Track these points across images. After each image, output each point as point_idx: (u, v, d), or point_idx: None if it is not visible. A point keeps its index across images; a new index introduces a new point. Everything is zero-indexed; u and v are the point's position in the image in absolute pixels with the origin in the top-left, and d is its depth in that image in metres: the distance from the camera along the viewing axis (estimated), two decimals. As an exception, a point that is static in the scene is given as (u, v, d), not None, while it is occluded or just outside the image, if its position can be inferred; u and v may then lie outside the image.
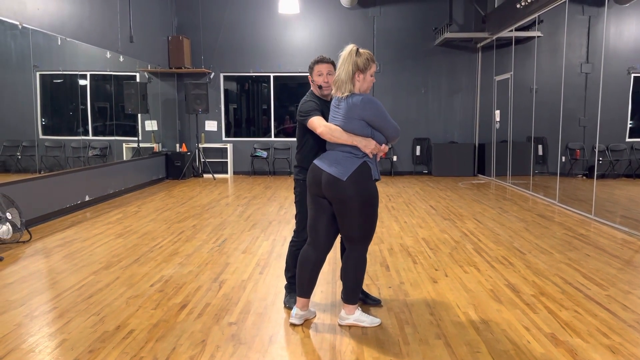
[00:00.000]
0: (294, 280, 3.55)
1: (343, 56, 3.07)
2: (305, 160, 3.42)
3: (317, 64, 3.40)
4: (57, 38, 7.05)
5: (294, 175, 3.51)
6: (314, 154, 3.37)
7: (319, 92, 3.43)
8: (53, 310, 3.49)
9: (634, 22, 10.18)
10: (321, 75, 3.38)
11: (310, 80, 3.44)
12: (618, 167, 10.15)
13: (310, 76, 3.44)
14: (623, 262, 4.64)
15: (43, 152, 7.05)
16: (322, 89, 3.38)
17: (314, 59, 3.44)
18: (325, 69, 3.38)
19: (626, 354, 2.82)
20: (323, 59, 3.41)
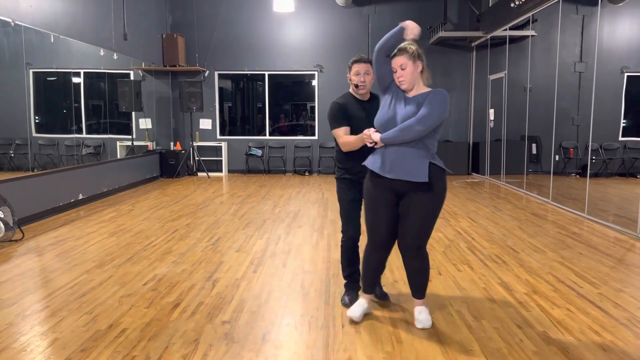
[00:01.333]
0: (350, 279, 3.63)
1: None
2: (343, 160, 3.46)
3: (355, 63, 3.37)
4: (50, 35, 7.01)
5: (338, 175, 3.54)
6: (350, 154, 3.37)
7: (355, 91, 3.42)
8: (45, 309, 3.47)
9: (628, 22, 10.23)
10: (358, 74, 3.35)
11: (348, 78, 3.42)
12: (611, 165, 10.20)
13: (348, 76, 3.42)
14: (615, 260, 4.66)
15: (36, 150, 7.01)
16: (358, 88, 3.37)
17: (353, 58, 3.41)
18: (363, 69, 3.35)
19: (618, 352, 2.84)
20: (361, 58, 3.38)
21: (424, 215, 3.01)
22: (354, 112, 3.40)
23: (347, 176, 3.47)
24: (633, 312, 3.40)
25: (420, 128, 2.86)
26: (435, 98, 2.93)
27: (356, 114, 3.39)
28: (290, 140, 12.01)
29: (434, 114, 2.87)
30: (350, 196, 3.47)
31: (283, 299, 3.67)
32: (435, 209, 3.03)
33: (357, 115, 3.39)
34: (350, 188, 3.46)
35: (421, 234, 3.06)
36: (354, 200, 3.47)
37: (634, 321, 3.26)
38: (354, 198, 3.46)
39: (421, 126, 2.86)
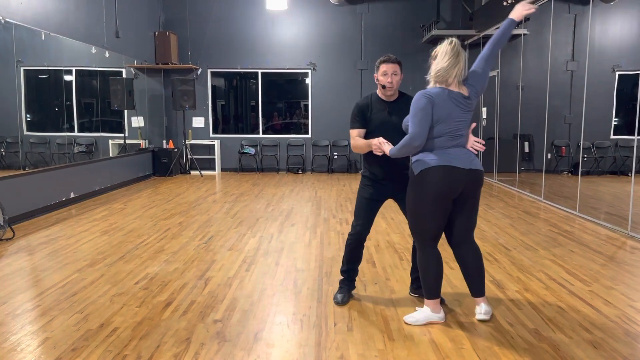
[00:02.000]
0: (347, 275, 3.61)
1: (449, 50, 3.02)
2: (368, 161, 3.48)
3: (383, 63, 3.33)
4: (41, 33, 6.96)
5: (363, 172, 3.58)
6: (375, 157, 3.39)
7: (382, 92, 3.40)
8: (36, 308, 3.45)
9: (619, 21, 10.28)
10: (386, 75, 3.32)
11: (375, 78, 3.39)
12: (603, 164, 10.26)
13: (375, 75, 3.39)
14: (606, 258, 4.69)
15: (27, 148, 6.97)
16: (385, 89, 3.35)
17: (380, 58, 3.36)
18: (391, 69, 3.32)
19: (608, 349, 2.86)
20: (389, 58, 3.33)
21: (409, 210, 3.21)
22: (376, 114, 3.38)
23: (368, 174, 3.49)
24: (623, 310, 3.43)
25: (417, 144, 3.02)
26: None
27: (378, 116, 3.38)
28: (284, 138, 12.00)
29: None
30: (367, 194, 3.48)
31: (275, 297, 3.67)
32: (409, 207, 3.17)
33: (379, 117, 3.38)
34: (371, 186, 3.47)
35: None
36: (370, 199, 3.47)
37: (625, 318, 3.28)
38: (372, 197, 3.47)
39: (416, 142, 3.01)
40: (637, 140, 5.74)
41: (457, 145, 3.07)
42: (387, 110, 3.38)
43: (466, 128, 3.10)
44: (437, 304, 3.19)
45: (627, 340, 2.96)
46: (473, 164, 3.05)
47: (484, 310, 3.23)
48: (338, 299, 3.54)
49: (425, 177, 3.03)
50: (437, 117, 2.99)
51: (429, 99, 2.99)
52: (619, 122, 10.42)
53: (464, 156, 3.05)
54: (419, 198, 3.07)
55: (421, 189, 3.05)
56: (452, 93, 3.02)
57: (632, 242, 5.27)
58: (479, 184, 3.10)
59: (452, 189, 3.02)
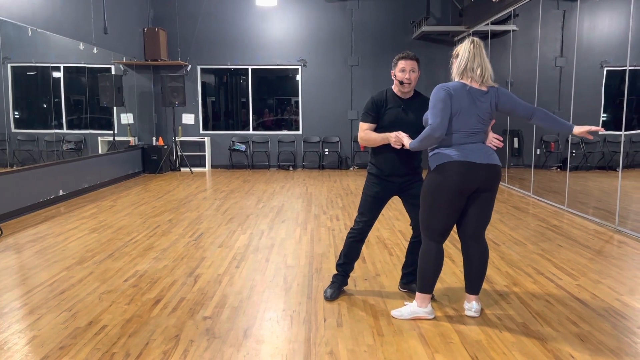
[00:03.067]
0: (341, 269, 3.61)
1: (470, 48, 3.02)
2: (375, 157, 3.48)
3: (401, 60, 3.30)
4: (27, 29, 6.89)
5: (369, 170, 3.55)
6: (383, 154, 3.39)
7: (398, 88, 3.38)
8: (24, 306, 3.43)
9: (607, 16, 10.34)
10: (404, 71, 3.30)
11: (393, 75, 3.37)
12: (591, 159, 10.34)
13: (392, 71, 3.37)
14: (594, 252, 4.73)
15: (15, 146, 6.90)
16: (403, 85, 3.33)
17: (399, 55, 3.34)
18: (409, 66, 3.29)
19: (594, 342, 2.88)
20: (408, 55, 3.31)
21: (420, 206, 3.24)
22: (391, 110, 3.37)
23: (375, 172, 3.48)
24: (610, 303, 3.46)
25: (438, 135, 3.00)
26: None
27: (392, 112, 3.37)
28: (274, 135, 11.98)
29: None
30: (373, 192, 3.47)
31: (265, 294, 3.67)
32: (423, 199, 3.16)
33: (393, 113, 3.36)
34: (377, 184, 3.46)
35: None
36: (376, 197, 3.47)
37: (611, 312, 3.31)
38: (378, 195, 3.47)
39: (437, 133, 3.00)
40: (624, 135, 5.79)
41: (476, 141, 3.07)
42: (402, 107, 3.37)
43: (485, 125, 3.10)
44: (426, 298, 3.20)
45: (614, 334, 2.99)
46: (491, 159, 3.05)
47: (474, 309, 3.25)
48: (327, 293, 3.55)
49: (442, 171, 3.03)
50: (454, 110, 3.00)
51: (447, 92, 3.00)
52: (607, 118, 10.49)
53: (482, 151, 3.05)
54: (435, 192, 3.06)
55: (437, 183, 3.04)
56: (472, 89, 3.02)
57: (619, 236, 5.32)
58: (496, 179, 3.09)
59: (468, 184, 3.02)
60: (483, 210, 3.13)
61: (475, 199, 3.11)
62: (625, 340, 2.90)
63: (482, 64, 3.01)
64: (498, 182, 3.11)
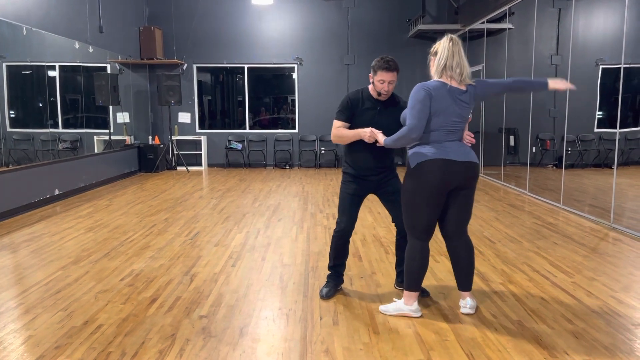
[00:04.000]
0: (334, 271, 3.61)
1: (449, 46, 3.02)
2: (349, 155, 3.48)
3: (382, 71, 3.26)
4: (22, 28, 6.86)
5: (343, 169, 3.55)
6: (357, 151, 3.39)
7: (374, 94, 3.39)
8: (19, 306, 3.42)
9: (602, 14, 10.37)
10: (383, 83, 3.29)
11: (371, 78, 3.37)
12: (586, 157, 10.37)
13: (371, 75, 3.36)
14: (589, 249, 4.75)
15: (11, 145, 6.88)
16: (380, 96, 3.34)
17: (379, 62, 3.27)
18: (389, 78, 3.28)
19: (589, 338, 2.90)
20: (389, 66, 3.25)
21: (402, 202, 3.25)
22: (366, 110, 3.38)
23: (350, 171, 3.49)
24: (605, 300, 3.48)
25: (414, 135, 3.04)
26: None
27: (367, 113, 3.37)
28: (271, 133, 11.97)
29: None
30: (350, 190, 3.48)
31: (261, 292, 3.67)
32: (404, 198, 3.17)
33: (367, 114, 3.37)
34: (352, 182, 3.48)
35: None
36: (353, 195, 3.48)
37: (606, 309, 3.33)
38: (354, 193, 3.47)
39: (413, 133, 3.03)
40: (619, 133, 5.81)
41: (454, 139, 3.09)
42: (378, 109, 3.38)
43: (463, 123, 3.12)
44: (412, 296, 3.20)
45: (608, 330, 3.00)
46: (469, 157, 3.08)
47: (469, 305, 3.26)
48: (323, 293, 3.55)
49: (421, 169, 3.05)
50: (434, 110, 3.01)
51: (427, 92, 3.00)
52: (602, 116, 10.53)
53: (460, 149, 3.07)
54: (415, 190, 3.08)
55: (418, 181, 3.06)
56: (452, 88, 3.03)
57: (614, 234, 5.34)
58: (475, 176, 3.12)
59: (448, 181, 3.03)
60: (463, 208, 3.16)
61: (455, 197, 3.13)
62: (620, 337, 2.92)
63: (461, 62, 3.03)
64: (476, 179, 3.15)
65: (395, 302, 3.30)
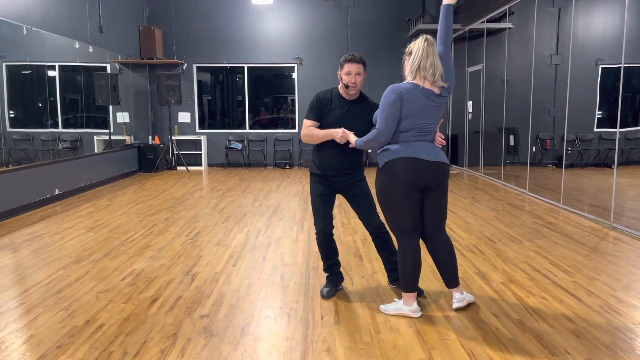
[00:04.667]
0: (330, 271, 3.62)
1: (424, 46, 3.03)
2: (316, 155, 3.49)
3: (348, 63, 3.28)
4: (22, 28, 6.86)
5: (310, 169, 3.56)
6: (323, 151, 3.40)
7: (344, 91, 3.38)
8: (20, 306, 3.43)
9: (602, 14, 10.38)
10: (350, 74, 3.29)
11: (339, 76, 3.37)
12: (586, 156, 10.38)
13: (339, 72, 3.37)
14: (589, 249, 4.75)
15: (11, 145, 6.88)
16: (348, 88, 3.33)
17: (345, 56, 3.32)
18: (355, 69, 3.28)
19: (590, 338, 2.90)
20: (354, 58, 3.29)
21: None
22: (334, 110, 3.38)
23: (317, 171, 3.50)
24: (605, 299, 3.48)
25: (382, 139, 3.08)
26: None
27: (335, 112, 3.37)
28: (271, 133, 11.98)
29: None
30: (319, 190, 3.49)
31: (262, 292, 3.68)
32: (379, 200, 3.22)
33: (336, 113, 3.37)
34: (319, 182, 3.49)
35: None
36: (322, 195, 3.49)
37: (607, 308, 3.33)
38: (323, 193, 3.48)
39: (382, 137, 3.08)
40: (619, 132, 5.82)
41: (424, 140, 3.10)
42: (346, 108, 3.39)
43: (435, 124, 3.13)
44: (411, 297, 3.21)
45: (609, 329, 3.01)
46: (438, 157, 3.09)
47: (457, 298, 3.29)
48: (324, 292, 3.56)
49: (390, 168, 3.08)
50: (405, 113, 3.02)
51: (398, 95, 3.01)
52: (602, 115, 10.54)
53: (429, 149, 3.09)
54: (386, 189, 3.11)
55: (387, 180, 3.09)
56: (425, 90, 3.03)
57: (614, 233, 5.35)
58: (445, 176, 3.14)
59: (417, 180, 3.06)
60: (437, 208, 3.18)
61: (428, 199, 3.15)
62: (620, 336, 2.92)
63: (435, 63, 3.03)
64: (446, 179, 3.16)
65: (395, 302, 3.31)
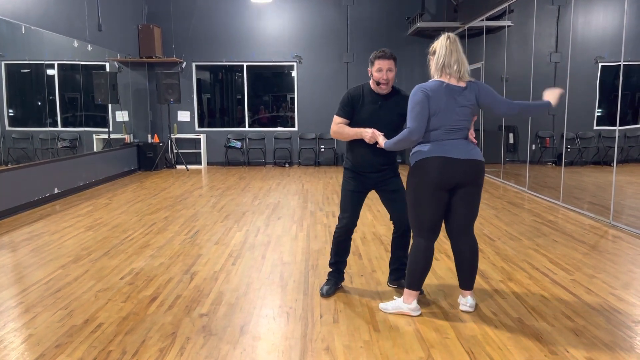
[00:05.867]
0: (335, 267, 3.61)
1: (447, 44, 3.03)
2: (350, 152, 3.48)
3: (378, 59, 3.27)
4: (21, 26, 6.85)
5: (344, 165, 3.56)
6: (359, 148, 3.40)
7: (375, 87, 3.37)
8: (19, 305, 3.42)
9: (602, 12, 10.36)
10: (381, 71, 3.28)
11: (370, 73, 3.36)
12: (586, 154, 10.37)
13: (369, 69, 3.36)
14: (589, 247, 4.75)
15: (10, 144, 6.88)
16: (379, 85, 3.32)
17: (375, 53, 3.31)
18: (386, 65, 3.27)
19: (589, 336, 2.90)
20: (385, 54, 3.28)
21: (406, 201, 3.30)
22: (367, 106, 3.37)
23: (350, 167, 3.49)
24: (605, 298, 3.48)
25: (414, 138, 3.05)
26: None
27: (368, 108, 3.36)
28: (270, 131, 11.97)
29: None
30: (351, 186, 3.48)
31: (262, 290, 3.68)
32: (407, 197, 3.20)
33: (369, 109, 3.36)
34: (353, 179, 3.48)
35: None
36: (354, 191, 3.48)
37: (606, 306, 3.33)
38: (355, 189, 3.47)
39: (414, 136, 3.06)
40: (618, 130, 5.81)
41: (456, 138, 3.07)
42: (379, 104, 3.37)
43: (466, 121, 3.08)
44: (412, 295, 3.20)
45: (608, 328, 3.01)
46: (471, 154, 3.05)
47: (469, 303, 3.27)
48: (323, 291, 3.55)
49: (420, 167, 3.06)
50: (433, 110, 3.01)
51: (424, 93, 3.00)
52: (601, 113, 10.53)
53: (461, 147, 3.05)
54: (416, 189, 3.09)
55: (417, 179, 3.07)
56: (450, 86, 3.02)
57: (613, 231, 5.34)
58: (479, 174, 3.09)
59: (447, 179, 3.03)
60: (469, 206, 3.15)
61: (460, 195, 3.12)
62: (620, 335, 2.92)
63: (459, 59, 3.02)
64: (481, 176, 3.12)
65: (394, 300, 3.31)
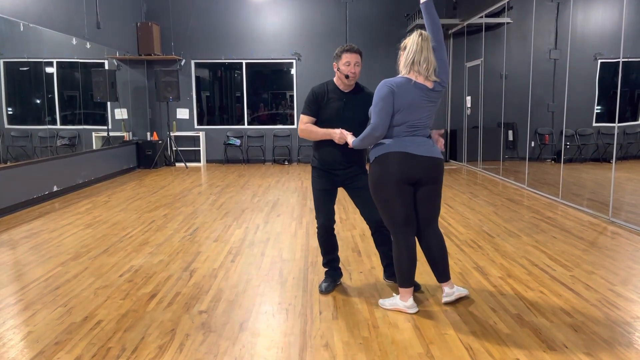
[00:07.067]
0: (329, 266, 3.63)
1: (419, 41, 3.03)
2: (317, 150, 3.48)
3: (346, 53, 3.29)
4: (19, 24, 6.84)
5: (312, 163, 3.56)
6: (324, 145, 3.40)
7: (342, 82, 3.37)
8: (18, 302, 3.43)
9: (601, 9, 10.36)
10: (349, 65, 3.29)
11: (335, 68, 3.36)
12: (585, 151, 10.37)
13: (335, 64, 3.36)
14: (588, 243, 4.76)
15: (9, 142, 6.87)
16: (348, 79, 3.32)
17: (342, 47, 3.34)
18: (354, 59, 3.30)
19: (588, 332, 2.91)
20: (352, 48, 3.32)
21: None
22: (331, 103, 3.38)
23: (318, 165, 3.49)
24: (603, 294, 3.49)
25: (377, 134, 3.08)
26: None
27: (333, 105, 3.37)
28: (269, 129, 11.96)
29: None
30: (320, 185, 3.49)
31: (261, 287, 3.68)
32: (373, 195, 3.21)
33: (333, 106, 3.37)
34: (321, 177, 3.48)
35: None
36: (323, 190, 3.49)
37: (605, 302, 3.34)
38: (324, 187, 3.48)
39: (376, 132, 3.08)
40: (617, 127, 5.81)
41: (417, 135, 3.09)
42: (343, 101, 3.39)
43: (429, 119, 3.12)
44: (407, 292, 3.20)
45: (607, 324, 3.01)
46: (430, 152, 3.08)
47: (446, 292, 3.30)
48: (322, 287, 3.56)
49: (380, 162, 3.08)
50: (398, 107, 3.02)
51: (390, 89, 3.01)
52: (601, 110, 10.53)
53: (422, 144, 3.07)
54: (379, 185, 3.11)
55: (379, 175, 3.09)
56: (417, 84, 3.03)
57: (612, 228, 5.35)
58: (438, 171, 3.13)
59: (408, 174, 3.05)
60: (429, 203, 3.17)
61: (422, 193, 3.14)
62: (619, 330, 2.93)
63: (429, 58, 3.03)
64: (440, 174, 3.15)
65: (393, 297, 3.31)
